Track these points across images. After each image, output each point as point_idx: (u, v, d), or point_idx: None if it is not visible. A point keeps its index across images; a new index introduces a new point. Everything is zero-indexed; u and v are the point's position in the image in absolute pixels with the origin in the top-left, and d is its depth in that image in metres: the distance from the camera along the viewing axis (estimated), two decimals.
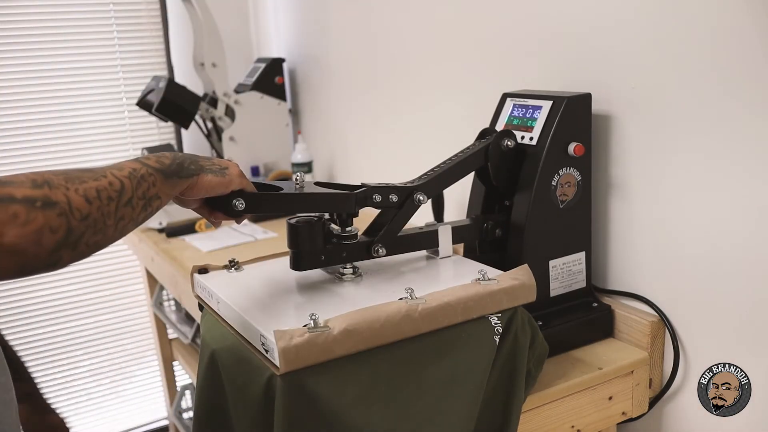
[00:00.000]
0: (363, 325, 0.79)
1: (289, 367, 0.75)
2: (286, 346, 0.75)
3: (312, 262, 0.95)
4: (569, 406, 1.02)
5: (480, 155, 1.06)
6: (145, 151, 2.02)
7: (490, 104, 1.17)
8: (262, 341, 0.80)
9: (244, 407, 0.82)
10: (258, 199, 0.90)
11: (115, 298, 2.47)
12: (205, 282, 0.98)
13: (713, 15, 0.94)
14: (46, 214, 0.62)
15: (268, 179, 2.03)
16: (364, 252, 0.99)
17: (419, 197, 1.00)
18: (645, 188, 1.09)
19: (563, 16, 1.18)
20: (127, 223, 0.72)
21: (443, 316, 0.85)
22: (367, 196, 0.96)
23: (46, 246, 0.62)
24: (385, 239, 0.99)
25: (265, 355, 0.80)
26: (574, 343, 1.11)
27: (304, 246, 0.93)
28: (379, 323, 0.80)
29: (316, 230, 0.93)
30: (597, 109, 1.11)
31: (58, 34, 2.24)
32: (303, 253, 0.94)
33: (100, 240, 0.68)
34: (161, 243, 1.86)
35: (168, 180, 0.77)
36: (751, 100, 0.92)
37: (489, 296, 0.89)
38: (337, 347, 0.78)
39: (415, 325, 0.83)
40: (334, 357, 0.78)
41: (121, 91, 2.36)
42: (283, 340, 0.75)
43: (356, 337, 0.79)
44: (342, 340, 0.78)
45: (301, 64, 2.20)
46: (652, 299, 1.11)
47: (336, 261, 0.97)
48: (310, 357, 0.76)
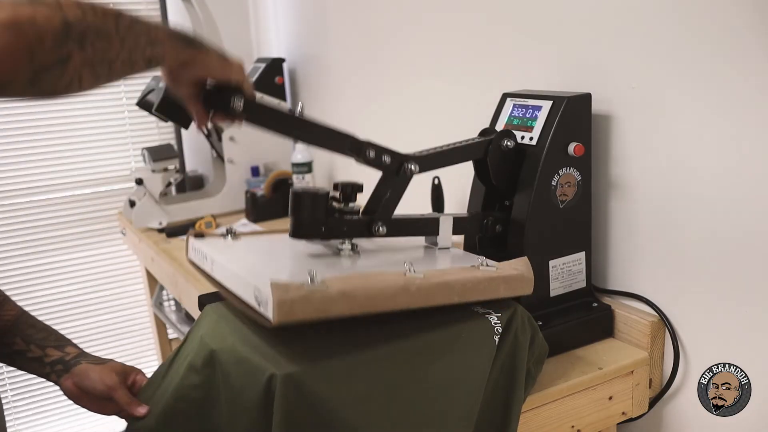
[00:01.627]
0: (360, 289, 0.79)
1: (282, 319, 0.74)
2: (282, 298, 0.73)
3: (311, 232, 0.93)
4: (569, 406, 1.02)
5: (480, 147, 1.06)
6: (145, 151, 2.03)
7: (490, 104, 1.17)
8: (255, 294, 0.78)
9: (242, 410, 0.82)
10: (257, 107, 0.88)
11: (115, 298, 2.47)
12: (200, 245, 0.97)
13: (714, 15, 0.94)
14: (35, 7, 0.59)
15: (268, 180, 2.03)
16: (364, 229, 0.97)
17: (411, 166, 0.99)
18: (645, 188, 1.09)
19: (563, 16, 1.18)
20: (132, 46, 0.69)
21: (440, 295, 0.85)
22: (362, 147, 0.96)
23: (46, 30, 0.59)
24: (384, 216, 0.98)
25: (257, 310, 0.78)
26: (574, 343, 1.11)
27: (305, 214, 0.92)
28: (376, 290, 0.80)
29: (319, 200, 0.92)
30: (597, 109, 1.11)
31: None
32: (304, 221, 0.92)
33: (107, 49, 0.66)
34: (161, 243, 1.86)
35: (172, 39, 0.74)
36: (752, 100, 0.92)
37: (487, 282, 0.88)
38: (333, 307, 0.77)
39: (411, 297, 0.83)
40: (327, 317, 0.77)
41: (121, 91, 2.36)
42: (279, 291, 0.74)
43: (352, 301, 0.78)
44: (338, 301, 0.77)
45: (301, 64, 2.20)
46: (652, 299, 1.11)
47: (336, 235, 0.96)
48: (304, 313, 0.75)
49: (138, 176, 1.99)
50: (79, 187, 2.37)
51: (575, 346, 1.11)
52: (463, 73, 1.47)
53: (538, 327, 0.96)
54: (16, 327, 0.96)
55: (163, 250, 1.80)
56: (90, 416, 2.50)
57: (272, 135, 0.93)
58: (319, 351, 0.83)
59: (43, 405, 2.44)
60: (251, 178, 2.12)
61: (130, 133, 2.41)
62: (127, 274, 2.48)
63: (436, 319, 0.91)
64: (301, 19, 2.16)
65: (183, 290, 1.61)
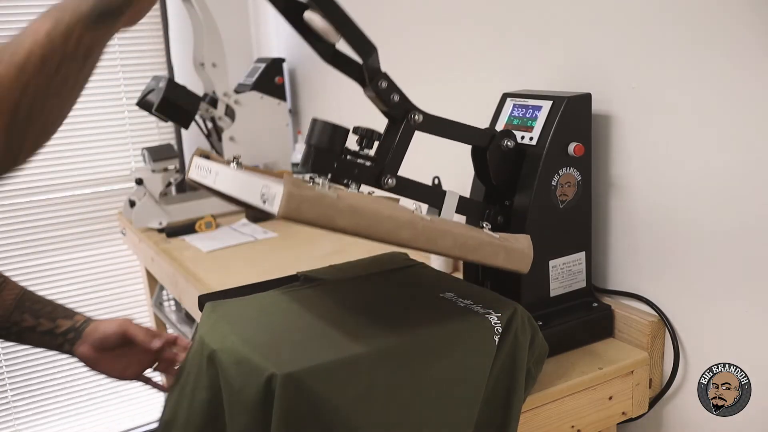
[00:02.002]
0: (369, 210, 0.78)
1: (287, 213, 0.72)
2: (293, 192, 0.72)
3: (323, 164, 0.90)
4: (569, 406, 1.02)
5: (484, 136, 1.05)
6: (145, 151, 2.03)
7: (490, 104, 1.17)
8: (262, 192, 0.76)
9: (241, 410, 0.82)
10: None
11: (115, 298, 2.47)
12: (206, 162, 0.95)
13: (714, 15, 0.95)
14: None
15: None
16: (373, 179, 0.96)
17: (416, 116, 0.97)
18: (645, 188, 1.09)
19: (563, 16, 1.18)
20: (75, 79, 0.63)
21: (442, 242, 0.84)
22: (377, 75, 0.94)
23: None
24: (392, 169, 0.97)
25: (261, 206, 0.76)
26: (574, 343, 1.11)
27: (322, 144, 0.89)
28: (383, 216, 0.79)
29: (338, 133, 0.90)
30: (597, 109, 1.11)
31: None
32: (319, 150, 0.89)
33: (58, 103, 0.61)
34: (161, 243, 1.86)
35: (95, 26, 0.64)
36: (752, 100, 0.92)
37: (489, 245, 0.88)
38: (338, 218, 0.76)
39: (414, 234, 0.82)
40: (331, 226, 0.76)
41: (121, 91, 2.36)
42: (292, 185, 0.72)
43: (358, 218, 0.77)
44: (345, 213, 0.76)
45: (301, 64, 2.20)
46: (652, 299, 1.11)
47: (345, 176, 0.94)
48: (309, 213, 0.74)
49: (138, 176, 1.99)
50: (79, 187, 2.37)
51: (575, 346, 1.11)
52: (463, 73, 1.47)
53: (538, 327, 0.96)
54: (22, 304, 0.95)
55: (163, 250, 1.80)
56: (90, 416, 2.51)
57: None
58: (319, 351, 0.83)
59: (43, 405, 2.44)
60: None
61: (130, 133, 2.40)
62: (127, 274, 2.48)
63: (436, 319, 0.91)
64: None
65: (183, 290, 1.61)
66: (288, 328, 0.91)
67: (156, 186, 1.98)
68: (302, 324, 0.93)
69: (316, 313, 0.96)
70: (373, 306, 0.98)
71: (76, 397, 2.48)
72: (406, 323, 0.90)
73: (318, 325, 0.92)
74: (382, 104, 0.96)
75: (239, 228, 1.93)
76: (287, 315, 0.96)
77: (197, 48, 2.08)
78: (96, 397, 2.51)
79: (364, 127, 0.96)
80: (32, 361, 2.39)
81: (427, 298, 1.00)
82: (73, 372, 2.46)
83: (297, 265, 1.44)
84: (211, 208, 2.06)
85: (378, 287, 1.06)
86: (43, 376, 2.41)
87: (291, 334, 0.89)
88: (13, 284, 0.97)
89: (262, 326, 0.92)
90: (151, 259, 1.88)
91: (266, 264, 1.60)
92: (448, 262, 1.47)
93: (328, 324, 0.92)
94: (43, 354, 2.39)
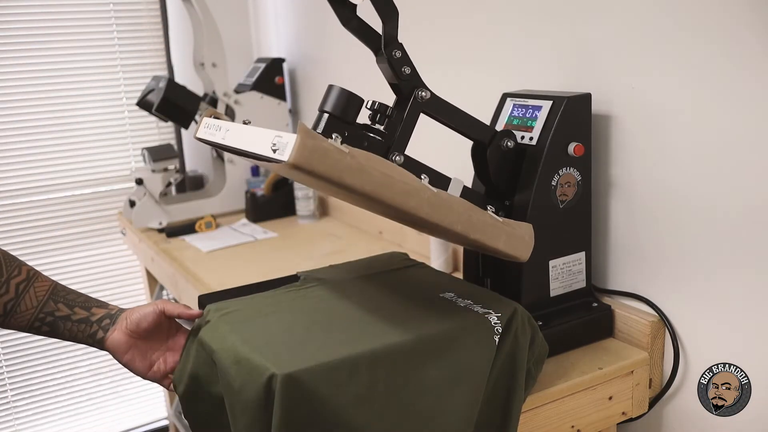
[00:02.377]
0: (378, 171, 0.78)
1: (298, 160, 0.71)
2: (306, 140, 0.71)
3: (335, 129, 0.88)
4: (569, 406, 1.02)
5: (486, 131, 1.05)
6: (145, 151, 2.03)
7: (490, 104, 1.17)
8: (274, 142, 0.75)
9: (241, 410, 0.82)
10: None
11: (115, 298, 2.47)
12: (216, 122, 0.95)
13: (713, 15, 0.95)
14: None
15: (269, 180, 2.03)
16: (381, 154, 0.94)
17: (423, 93, 0.98)
18: (645, 188, 1.09)
19: (563, 16, 1.18)
20: None
21: (446, 215, 0.84)
22: (393, 44, 0.94)
23: None
24: (400, 146, 0.96)
25: (271, 156, 0.75)
26: (574, 343, 1.11)
27: (335, 109, 0.88)
28: (392, 179, 0.79)
29: (354, 101, 0.89)
30: (597, 109, 1.11)
31: (58, 34, 2.24)
32: (331, 116, 0.88)
33: None
34: (161, 243, 1.86)
35: None
36: (752, 100, 0.92)
37: (492, 226, 0.88)
38: (347, 175, 0.75)
39: (419, 203, 0.81)
40: (339, 181, 0.75)
41: (121, 91, 2.36)
42: (306, 133, 0.71)
43: (367, 177, 0.77)
44: (354, 171, 0.76)
45: (301, 64, 2.20)
46: (652, 299, 1.11)
47: (355, 145, 0.91)
48: (319, 164, 0.73)
49: (138, 176, 1.99)
50: (79, 187, 2.37)
51: (575, 346, 1.11)
52: (462, 73, 1.47)
53: (538, 327, 0.96)
54: (56, 295, 0.97)
55: (163, 250, 1.80)
56: (90, 416, 2.51)
57: None
58: (319, 351, 0.83)
59: (43, 405, 2.44)
60: (251, 177, 2.12)
61: (130, 133, 2.40)
62: (127, 274, 2.48)
63: (436, 319, 0.91)
64: (301, 19, 2.16)
65: (183, 290, 1.61)
66: (288, 328, 0.91)
67: (156, 186, 1.98)
68: (302, 324, 0.93)
69: (316, 314, 0.96)
70: (373, 306, 0.98)
71: (76, 397, 2.48)
72: (406, 323, 0.90)
73: (318, 325, 0.92)
74: (393, 75, 0.96)
75: (239, 228, 1.93)
76: (287, 315, 0.96)
77: (197, 48, 2.08)
78: (96, 397, 2.51)
79: (378, 102, 0.95)
80: (32, 361, 2.39)
81: (427, 298, 1.00)
82: (73, 372, 2.46)
83: (297, 265, 1.44)
84: (211, 208, 2.06)
85: (378, 287, 1.06)
86: (43, 376, 2.41)
87: (291, 335, 0.89)
88: (45, 277, 0.99)
89: (261, 326, 0.92)
90: (151, 259, 1.88)
91: (266, 264, 1.60)
92: (448, 262, 1.47)
93: (328, 324, 0.92)
94: (43, 354, 2.40)
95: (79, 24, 2.27)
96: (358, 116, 0.90)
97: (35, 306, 0.95)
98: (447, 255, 1.47)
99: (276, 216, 2.01)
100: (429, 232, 1.04)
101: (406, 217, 0.86)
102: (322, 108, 0.89)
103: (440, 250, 1.46)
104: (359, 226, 1.89)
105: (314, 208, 2.00)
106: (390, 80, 0.98)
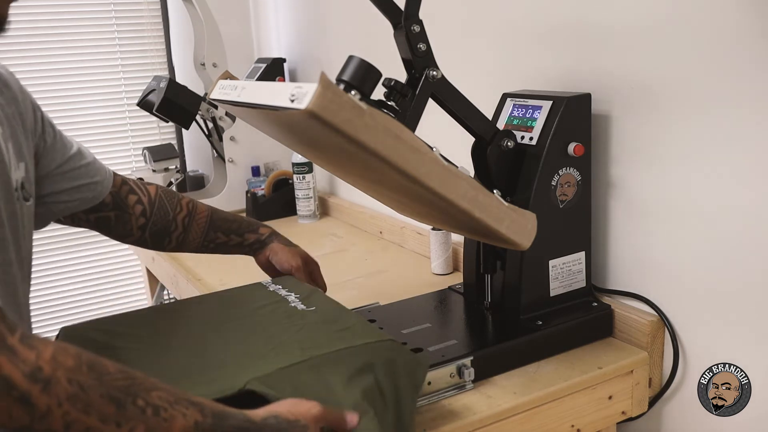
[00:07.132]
0: (393, 132, 0.77)
1: (317, 107, 0.71)
2: (326, 90, 0.71)
3: None
4: (569, 406, 1.02)
5: (489, 127, 1.05)
6: (146, 151, 2.03)
7: (490, 104, 1.18)
8: (292, 93, 0.75)
9: None
10: None
11: (115, 298, 2.47)
12: (232, 82, 0.95)
13: (714, 15, 0.95)
14: (12, 404, 0.57)
15: (269, 180, 2.03)
16: None
17: (433, 72, 0.99)
18: (645, 188, 1.09)
19: (563, 16, 1.18)
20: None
21: (454, 186, 0.83)
22: (414, 20, 0.98)
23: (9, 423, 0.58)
24: (411, 124, 0.97)
25: (288, 106, 0.75)
26: (574, 342, 1.11)
27: (354, 79, 0.88)
28: (407, 143, 0.79)
29: (372, 73, 0.89)
30: (597, 109, 1.11)
31: (58, 34, 2.24)
32: (348, 86, 0.88)
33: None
34: None
35: None
36: (752, 100, 0.92)
37: (497, 207, 0.88)
38: (362, 130, 0.75)
39: (430, 171, 0.81)
40: (353, 137, 0.75)
41: (121, 91, 2.37)
42: (326, 83, 0.71)
43: (382, 136, 0.76)
44: (370, 128, 0.75)
45: (301, 64, 2.20)
46: (652, 299, 1.11)
47: None
48: (337, 117, 0.72)
49: (139, 176, 1.99)
50: None
51: (575, 345, 1.11)
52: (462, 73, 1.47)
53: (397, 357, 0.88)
54: (214, 224, 1.16)
55: None
56: None
57: None
58: None
59: None
60: (252, 178, 2.12)
61: (131, 133, 2.41)
62: (128, 274, 2.48)
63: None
64: (301, 19, 2.16)
65: (183, 290, 1.61)
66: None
67: None
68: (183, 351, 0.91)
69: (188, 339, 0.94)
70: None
71: None
72: None
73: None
74: (408, 50, 0.97)
75: None
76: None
77: (198, 48, 2.09)
78: None
79: (394, 80, 0.96)
80: None
81: None
82: None
83: None
84: None
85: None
86: None
87: None
88: (202, 205, 1.17)
89: None
90: (152, 259, 1.88)
91: None
92: (447, 262, 1.47)
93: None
94: None
95: (80, 24, 2.27)
96: (374, 90, 0.90)
97: (200, 236, 1.15)
98: (447, 255, 1.47)
99: (276, 216, 2.01)
100: (430, 217, 1.03)
101: (411, 191, 0.85)
102: (340, 77, 0.89)
103: (440, 250, 1.46)
104: (359, 226, 1.89)
105: (314, 208, 2.00)
106: (404, 55, 0.99)
